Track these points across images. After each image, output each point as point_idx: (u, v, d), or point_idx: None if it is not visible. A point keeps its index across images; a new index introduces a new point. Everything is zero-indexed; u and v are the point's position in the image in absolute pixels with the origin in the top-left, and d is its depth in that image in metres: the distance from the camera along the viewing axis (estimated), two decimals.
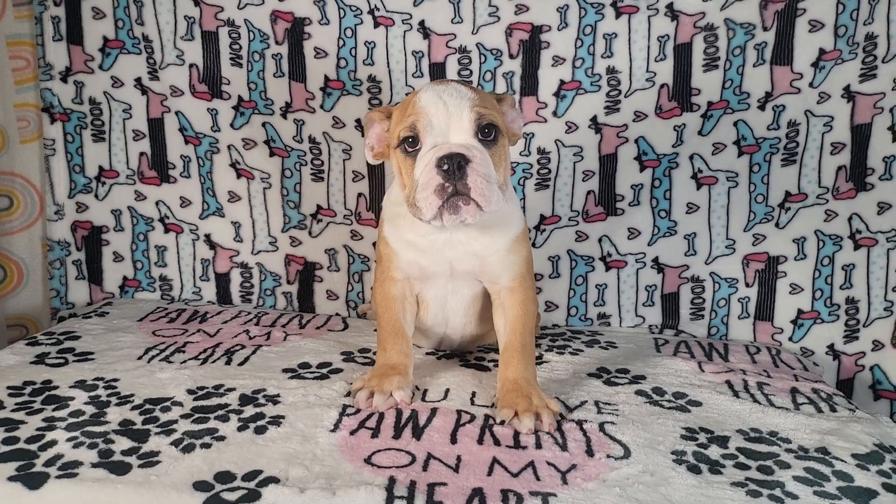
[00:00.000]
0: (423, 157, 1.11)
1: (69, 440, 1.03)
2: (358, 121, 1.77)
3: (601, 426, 1.13)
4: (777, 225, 1.68)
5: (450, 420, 1.14)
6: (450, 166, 1.07)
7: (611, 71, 1.68)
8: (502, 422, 1.12)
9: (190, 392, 1.22)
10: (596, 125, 1.71)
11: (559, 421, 1.13)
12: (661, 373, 1.40)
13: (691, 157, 1.70)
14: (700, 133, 1.68)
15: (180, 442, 1.03)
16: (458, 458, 1.01)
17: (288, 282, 1.88)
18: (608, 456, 1.03)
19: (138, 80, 1.81)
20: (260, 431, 1.07)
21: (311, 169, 1.81)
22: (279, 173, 1.82)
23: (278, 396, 1.21)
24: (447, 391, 1.26)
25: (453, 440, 1.07)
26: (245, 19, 1.74)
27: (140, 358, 1.38)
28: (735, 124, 1.66)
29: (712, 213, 1.72)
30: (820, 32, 1.58)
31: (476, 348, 1.53)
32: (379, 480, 0.93)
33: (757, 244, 1.70)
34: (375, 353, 1.34)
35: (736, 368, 1.44)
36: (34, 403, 1.15)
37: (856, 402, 1.43)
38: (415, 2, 1.70)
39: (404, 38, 1.73)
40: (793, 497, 0.93)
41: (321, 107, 1.77)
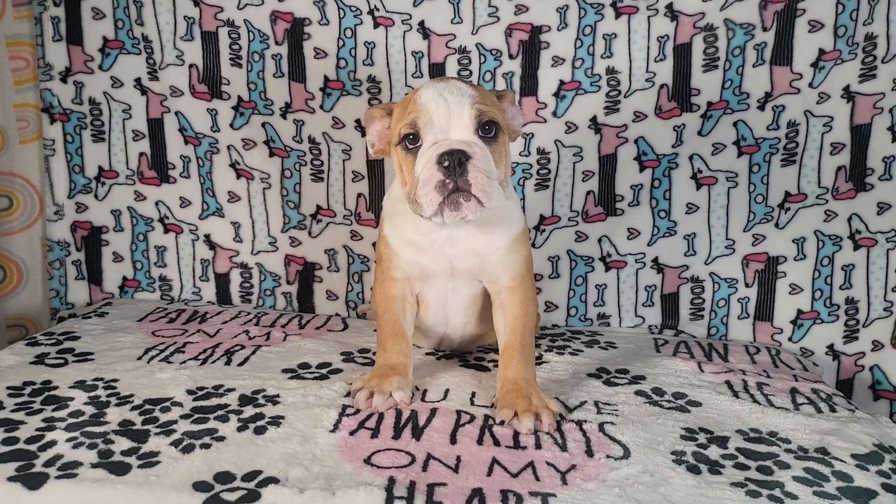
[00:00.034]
0: (424, 154, 1.11)
1: (69, 440, 1.03)
2: (358, 121, 1.76)
3: (601, 426, 1.13)
4: (777, 225, 1.68)
5: (449, 420, 1.14)
6: (451, 163, 1.07)
7: (610, 71, 1.68)
8: (502, 422, 1.12)
9: (189, 392, 1.22)
10: (595, 125, 1.71)
11: (559, 421, 1.13)
12: (661, 373, 1.40)
13: (691, 158, 1.70)
14: (700, 133, 1.68)
15: (180, 442, 1.03)
16: (458, 459, 1.01)
17: (288, 282, 1.88)
18: (608, 456, 1.03)
19: (138, 81, 1.81)
20: (259, 432, 1.08)
21: (311, 169, 1.81)
22: (279, 173, 1.82)
23: (278, 397, 1.21)
24: (447, 391, 1.26)
25: (453, 440, 1.07)
26: (245, 19, 1.74)
27: (140, 358, 1.38)
28: (735, 124, 1.66)
29: (712, 214, 1.72)
30: (819, 33, 1.58)
31: (476, 348, 1.53)
32: (378, 481, 0.93)
33: (756, 244, 1.70)
34: (375, 354, 1.34)
35: (736, 369, 1.44)
36: (34, 404, 1.16)
37: (855, 403, 1.43)
38: (414, 2, 1.70)
39: (404, 39, 1.73)
40: (792, 497, 0.93)
41: (321, 107, 1.77)
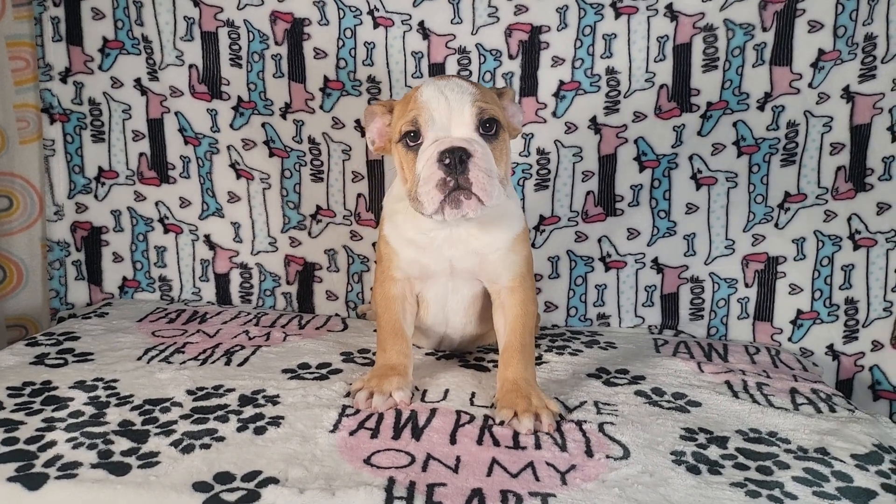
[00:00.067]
0: (425, 152, 1.11)
1: (69, 441, 1.03)
2: (357, 121, 1.77)
3: (600, 427, 1.13)
4: (776, 225, 1.68)
5: (449, 420, 1.14)
6: (451, 160, 1.07)
7: (610, 71, 1.68)
8: (502, 422, 1.12)
9: (189, 393, 1.22)
10: (595, 126, 1.71)
11: (558, 421, 1.13)
12: (661, 373, 1.40)
13: (691, 158, 1.70)
14: (699, 133, 1.68)
15: (180, 442, 1.03)
16: (458, 459, 1.01)
17: (287, 282, 1.88)
18: (607, 456, 1.03)
19: (138, 81, 1.81)
20: (259, 432, 1.08)
21: (311, 169, 1.81)
22: (279, 174, 1.82)
23: (278, 397, 1.21)
24: (447, 392, 1.26)
25: (453, 441, 1.07)
26: (244, 20, 1.74)
27: (140, 358, 1.38)
28: (734, 125, 1.66)
29: (712, 214, 1.72)
30: (819, 33, 1.58)
31: (476, 348, 1.53)
32: (378, 481, 0.93)
33: (756, 244, 1.70)
34: (375, 354, 1.34)
35: (735, 369, 1.44)
36: (34, 404, 1.16)
37: (855, 403, 1.44)
38: (414, 2, 1.70)
39: (404, 39, 1.73)
40: (792, 497, 0.93)
41: (321, 107, 1.77)
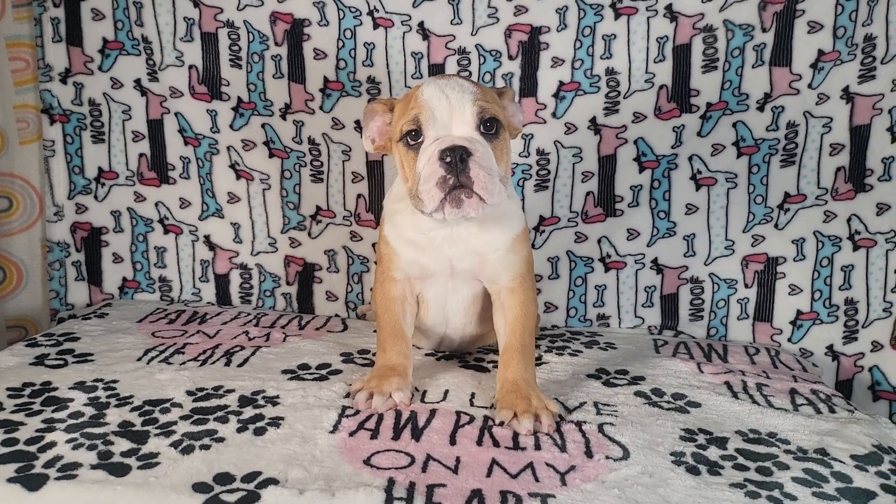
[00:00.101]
0: (426, 151, 1.11)
1: (68, 442, 1.03)
2: (357, 122, 1.77)
3: (600, 427, 1.13)
4: (776, 226, 1.68)
5: (449, 421, 1.14)
6: (452, 159, 1.07)
7: (610, 72, 1.68)
8: (501, 423, 1.12)
9: (189, 393, 1.22)
10: (595, 126, 1.71)
11: (558, 422, 1.13)
12: (661, 374, 1.40)
13: (690, 159, 1.70)
14: (699, 134, 1.68)
15: (180, 443, 1.03)
16: (458, 460, 1.01)
17: (287, 283, 1.88)
18: (607, 457, 1.03)
19: (138, 82, 1.81)
20: (259, 433, 1.08)
21: (311, 170, 1.82)
22: (278, 174, 1.83)
23: (277, 398, 1.21)
24: (446, 392, 1.26)
25: (452, 441, 1.07)
26: (244, 20, 1.75)
27: (139, 359, 1.38)
28: (734, 125, 1.66)
29: (711, 214, 1.72)
30: (819, 33, 1.58)
31: (476, 349, 1.53)
32: (378, 482, 0.93)
33: (756, 245, 1.70)
34: (375, 355, 1.34)
35: (735, 369, 1.44)
36: (33, 405, 1.16)
37: (855, 403, 1.44)
38: (414, 3, 1.71)
39: (403, 40, 1.73)
40: (791, 498, 0.93)
41: (320, 108, 1.77)
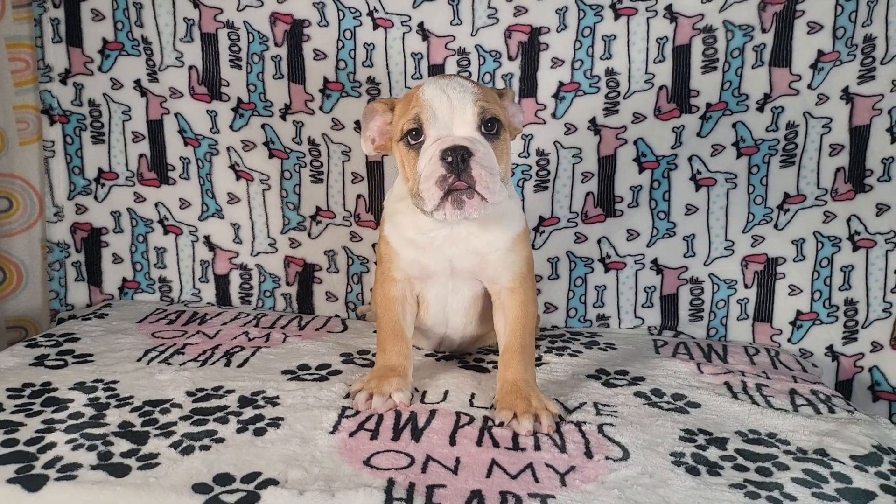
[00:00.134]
0: (427, 150, 1.11)
1: (68, 442, 1.03)
2: (357, 122, 1.77)
3: (600, 428, 1.13)
4: (776, 226, 1.68)
5: (449, 422, 1.14)
6: (453, 158, 1.07)
7: (610, 72, 1.68)
8: (501, 423, 1.12)
9: (189, 394, 1.22)
10: (595, 127, 1.71)
11: (558, 423, 1.13)
12: (660, 374, 1.40)
13: (690, 159, 1.70)
14: (699, 134, 1.68)
15: (179, 444, 1.03)
16: (457, 460, 1.01)
17: (287, 283, 1.88)
18: (607, 458, 1.03)
19: (137, 82, 1.81)
20: (259, 433, 1.08)
21: (311, 170, 1.82)
22: (278, 175, 1.83)
23: (277, 398, 1.21)
24: (446, 393, 1.26)
25: (452, 442, 1.07)
26: (244, 21, 1.75)
27: (139, 360, 1.38)
28: (734, 126, 1.66)
29: (711, 215, 1.72)
30: (818, 34, 1.58)
31: (476, 349, 1.53)
32: (378, 482, 0.93)
33: (756, 245, 1.70)
34: (375, 355, 1.34)
35: (735, 370, 1.44)
36: (33, 405, 1.16)
37: (854, 404, 1.44)
38: (414, 3, 1.71)
39: (403, 40, 1.73)
40: (791, 499, 0.93)
41: (320, 108, 1.77)
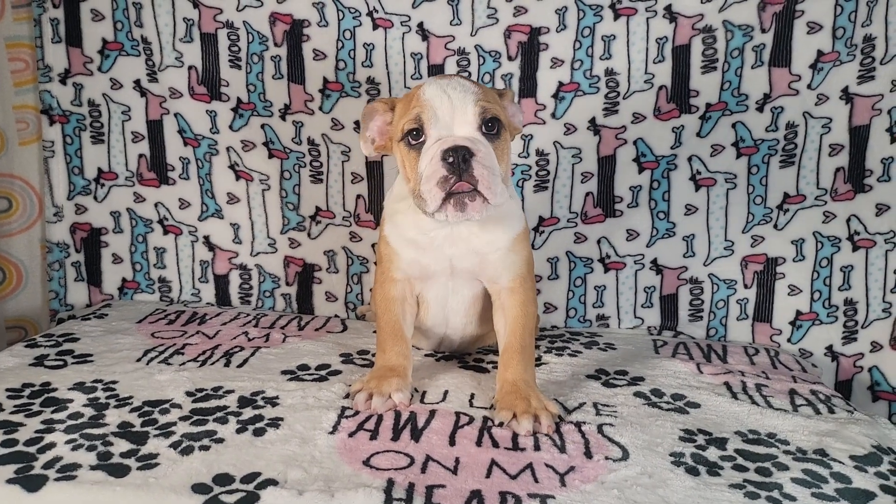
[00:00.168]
0: (428, 151, 1.11)
1: (68, 442, 1.03)
2: (357, 122, 1.77)
3: (599, 428, 1.13)
4: (776, 226, 1.68)
5: (448, 422, 1.14)
6: (455, 159, 1.06)
7: (609, 73, 1.69)
8: (501, 424, 1.12)
9: (189, 394, 1.22)
10: (594, 127, 1.71)
11: (557, 423, 1.13)
12: (660, 374, 1.40)
13: (690, 159, 1.70)
14: (698, 135, 1.68)
15: (179, 444, 1.03)
16: (457, 460, 1.01)
17: (287, 283, 1.88)
18: (606, 458, 1.03)
19: (137, 82, 1.81)
20: (258, 433, 1.08)
21: (310, 171, 1.82)
22: (278, 175, 1.83)
23: (277, 398, 1.21)
24: (446, 393, 1.26)
25: (452, 442, 1.07)
26: (244, 21, 1.75)
27: (139, 360, 1.38)
28: (733, 126, 1.66)
29: (711, 215, 1.72)
30: (818, 34, 1.58)
31: (475, 349, 1.53)
32: (377, 482, 0.93)
33: (755, 245, 1.70)
34: (374, 355, 1.34)
35: (734, 370, 1.44)
36: (33, 406, 1.16)
37: (854, 404, 1.44)
38: (413, 4, 1.71)
39: (403, 40, 1.73)
40: (791, 499, 0.93)
41: (320, 108, 1.77)
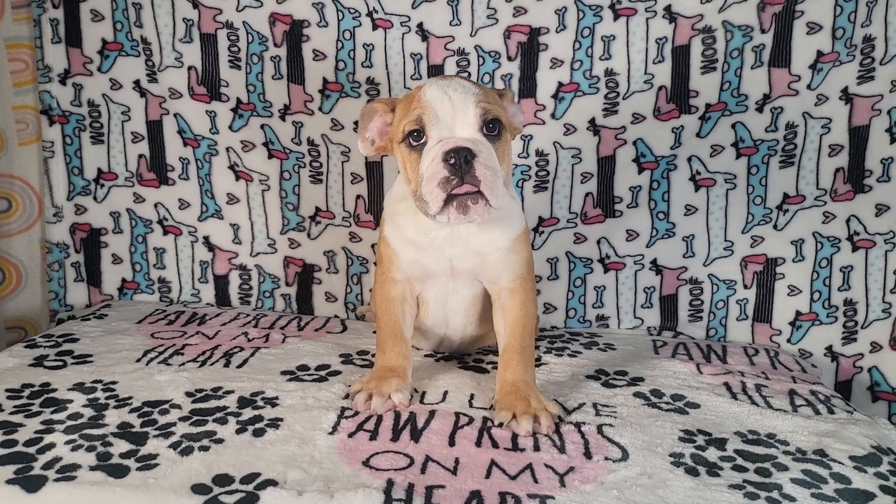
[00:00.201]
0: (430, 152, 1.11)
1: (67, 443, 1.03)
2: (357, 123, 1.76)
3: (599, 428, 1.13)
4: (775, 227, 1.68)
5: (448, 422, 1.14)
6: (456, 160, 1.06)
7: (609, 73, 1.69)
8: (500, 424, 1.12)
9: (188, 394, 1.22)
10: (594, 127, 1.71)
11: (557, 423, 1.13)
12: (660, 375, 1.40)
13: (689, 159, 1.70)
14: (698, 135, 1.68)
15: (178, 445, 1.03)
16: (457, 461, 1.01)
17: (287, 284, 1.88)
18: (606, 458, 1.03)
19: (137, 83, 1.81)
20: (258, 434, 1.08)
21: (310, 171, 1.82)
22: (278, 175, 1.83)
23: (276, 399, 1.21)
24: (445, 393, 1.26)
25: (451, 442, 1.07)
26: (244, 21, 1.75)
27: (138, 360, 1.38)
28: (733, 126, 1.66)
29: (710, 215, 1.72)
30: (818, 34, 1.58)
31: (475, 350, 1.53)
32: (377, 483, 0.93)
33: (755, 246, 1.70)
34: (374, 356, 1.34)
35: (734, 370, 1.44)
36: (32, 406, 1.16)
37: (854, 404, 1.44)
38: (413, 4, 1.71)
39: (403, 41, 1.73)
40: (790, 499, 0.93)
41: (320, 109, 1.77)
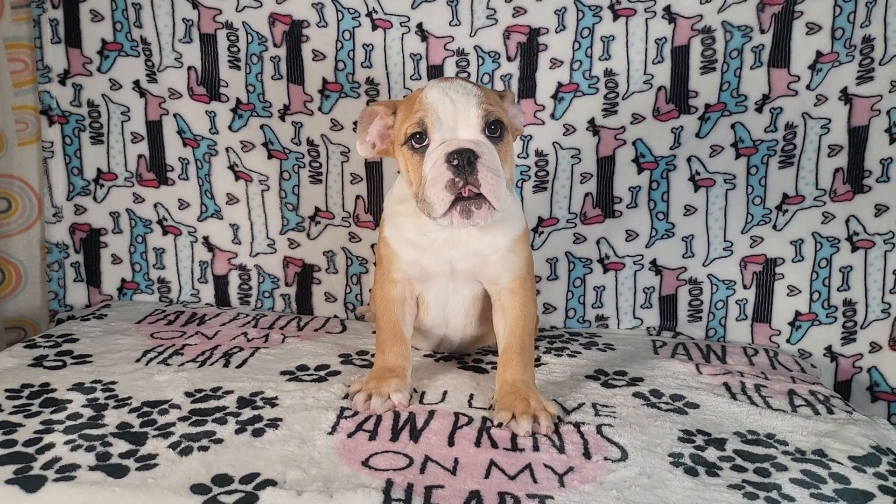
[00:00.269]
0: (432, 154, 1.11)
1: (67, 443, 1.03)
2: (356, 123, 1.76)
3: (598, 428, 1.13)
4: (775, 227, 1.68)
5: (447, 422, 1.14)
6: (460, 161, 1.06)
7: (608, 73, 1.69)
8: (500, 424, 1.12)
9: (188, 395, 1.22)
10: (594, 127, 1.71)
11: (556, 423, 1.13)
12: (659, 375, 1.40)
13: (689, 160, 1.70)
14: (697, 135, 1.68)
15: (178, 445, 1.03)
16: (456, 461, 1.01)
17: (286, 284, 1.88)
18: (605, 458, 1.03)
19: (136, 83, 1.81)
20: (257, 434, 1.08)
21: (310, 171, 1.82)
22: (277, 175, 1.83)
23: (276, 399, 1.21)
24: (445, 393, 1.26)
25: (451, 443, 1.07)
26: (243, 22, 1.75)
27: (138, 360, 1.38)
28: (732, 126, 1.66)
29: (710, 216, 1.72)
30: (817, 35, 1.58)
31: (475, 350, 1.53)
32: (376, 483, 0.93)
33: (755, 246, 1.70)
34: (374, 356, 1.34)
35: (733, 370, 1.44)
36: (32, 406, 1.16)
37: (853, 404, 1.44)
38: (413, 4, 1.71)
39: (402, 41, 1.73)
40: (789, 499, 0.93)
41: (319, 109, 1.77)
